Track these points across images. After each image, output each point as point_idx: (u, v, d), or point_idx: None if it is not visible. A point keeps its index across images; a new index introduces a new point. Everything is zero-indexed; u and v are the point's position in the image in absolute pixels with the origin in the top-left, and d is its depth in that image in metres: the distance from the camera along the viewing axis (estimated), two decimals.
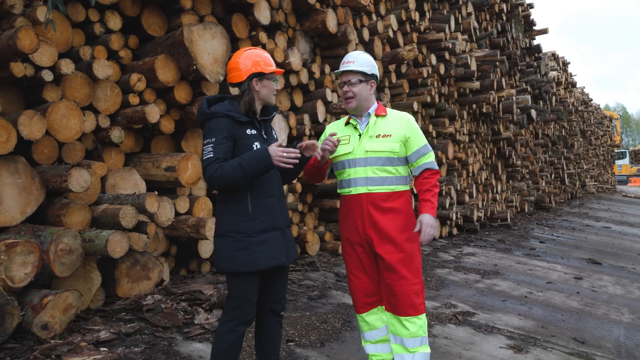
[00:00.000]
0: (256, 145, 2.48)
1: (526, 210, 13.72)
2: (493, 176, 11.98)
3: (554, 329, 4.31)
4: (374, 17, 7.67)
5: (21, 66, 3.59)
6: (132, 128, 4.52)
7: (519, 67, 13.87)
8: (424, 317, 2.65)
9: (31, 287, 3.30)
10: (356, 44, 7.10)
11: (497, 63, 10.96)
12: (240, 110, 2.49)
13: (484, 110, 10.58)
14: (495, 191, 11.94)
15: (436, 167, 2.76)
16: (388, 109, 2.83)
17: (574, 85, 20.99)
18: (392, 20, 7.75)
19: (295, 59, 5.93)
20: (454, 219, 8.90)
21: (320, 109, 6.35)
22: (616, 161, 36.70)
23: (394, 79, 8.03)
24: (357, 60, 2.73)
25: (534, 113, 13.43)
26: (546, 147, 17.00)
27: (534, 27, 15.35)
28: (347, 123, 2.83)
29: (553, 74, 17.60)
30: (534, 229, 11.06)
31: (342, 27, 6.60)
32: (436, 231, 2.76)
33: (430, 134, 8.83)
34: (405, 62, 7.96)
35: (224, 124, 2.42)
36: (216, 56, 4.65)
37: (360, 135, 2.74)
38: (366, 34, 7.31)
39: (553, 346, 3.87)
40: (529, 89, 14.15)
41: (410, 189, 2.90)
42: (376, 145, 2.68)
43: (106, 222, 3.65)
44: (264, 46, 5.54)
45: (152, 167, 4.42)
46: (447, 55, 9.19)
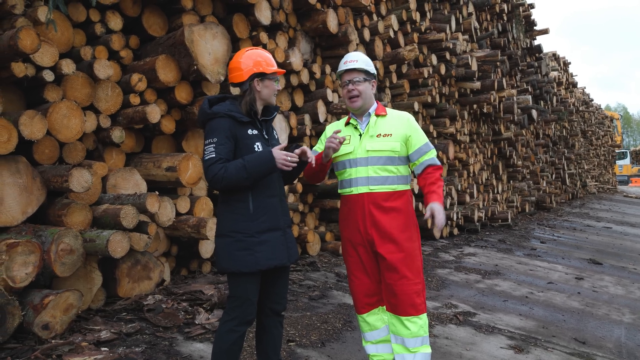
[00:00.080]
0: (257, 146, 2.47)
1: (527, 211, 13.71)
2: (494, 176, 11.97)
3: (554, 329, 4.31)
4: (374, 17, 7.67)
5: (22, 66, 3.59)
6: (133, 128, 4.52)
7: (519, 67, 13.86)
8: (424, 316, 2.64)
9: (32, 287, 3.30)
10: (357, 44, 7.10)
11: (498, 63, 10.95)
12: (241, 111, 2.49)
13: (484, 111, 10.57)
14: (496, 191, 11.93)
15: (438, 162, 2.74)
16: (388, 108, 2.83)
17: (574, 85, 20.97)
18: (393, 20, 7.76)
19: (296, 59, 5.93)
20: (454, 219, 8.90)
21: (321, 109, 6.35)
22: (617, 161, 36.67)
23: (394, 79, 8.04)
24: (360, 59, 2.75)
25: (534, 113, 13.43)
26: (547, 148, 16.99)
27: (534, 27, 15.34)
28: (347, 123, 2.83)
29: (554, 74, 17.58)
30: (534, 229, 11.04)
31: (342, 27, 6.60)
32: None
33: (431, 134, 8.83)
34: (406, 62, 7.96)
35: (225, 124, 2.42)
36: (217, 56, 4.65)
37: (361, 135, 2.74)
38: (367, 34, 7.32)
39: (554, 346, 3.87)
40: (529, 89, 14.14)
41: (411, 188, 2.89)
42: (377, 144, 2.68)
43: (107, 222, 3.65)
44: (264, 46, 5.54)
45: (153, 167, 4.42)
46: (447, 56, 9.19)
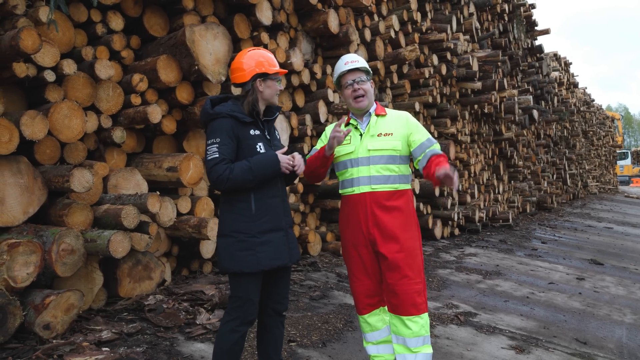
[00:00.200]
0: (259, 146, 2.47)
1: (528, 211, 13.69)
2: (495, 177, 11.95)
3: (555, 329, 4.30)
4: (375, 17, 7.68)
5: (23, 66, 3.60)
6: (134, 128, 4.52)
7: (520, 68, 13.85)
8: (426, 316, 2.64)
9: (33, 287, 3.31)
10: (358, 45, 7.11)
11: (499, 63, 10.95)
12: (243, 111, 2.49)
13: (485, 111, 10.57)
14: (497, 192, 11.92)
15: (442, 153, 2.69)
16: (387, 109, 2.85)
17: (575, 85, 20.94)
18: (394, 20, 7.76)
19: (297, 60, 5.93)
20: (455, 219, 8.89)
21: (322, 109, 6.35)
22: (618, 162, 36.61)
23: (395, 80, 8.04)
24: (359, 59, 2.78)
25: (535, 113, 13.42)
26: (548, 148, 16.97)
27: (535, 28, 15.33)
28: (347, 123, 2.83)
29: (555, 74, 17.55)
30: (535, 229, 11.03)
31: (343, 27, 6.61)
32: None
33: (432, 134, 8.82)
34: (407, 62, 7.96)
35: (227, 124, 2.41)
36: (218, 57, 4.65)
37: (362, 135, 2.74)
38: (368, 34, 7.32)
39: (555, 347, 3.86)
40: (530, 89, 14.12)
41: (412, 188, 2.89)
42: (378, 143, 2.69)
43: (108, 222, 3.65)
44: (265, 47, 5.54)
45: (154, 167, 4.43)
46: (448, 56, 9.19)
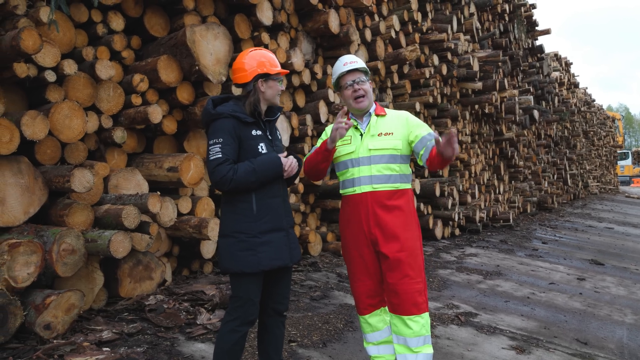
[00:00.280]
0: (261, 147, 2.47)
1: (528, 211, 13.68)
2: (495, 177, 11.95)
3: (556, 329, 4.30)
4: (376, 17, 7.68)
5: (24, 67, 3.60)
6: (134, 128, 4.53)
7: (521, 68, 13.85)
8: (426, 315, 2.64)
9: (34, 287, 3.31)
10: (358, 45, 7.11)
11: (500, 63, 10.94)
12: (245, 111, 2.49)
13: (486, 111, 10.56)
14: (497, 192, 11.92)
15: None
16: (386, 109, 2.86)
17: (576, 85, 20.92)
18: (395, 20, 7.76)
19: (298, 60, 5.93)
20: (456, 219, 8.88)
21: (323, 109, 6.35)
22: (619, 162, 36.59)
23: (396, 80, 8.03)
24: (358, 59, 2.80)
25: (536, 114, 13.41)
26: (549, 148, 16.97)
27: (536, 28, 15.32)
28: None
29: (555, 74, 17.54)
30: (536, 229, 11.03)
31: (344, 27, 6.61)
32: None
33: None
34: (408, 62, 7.96)
35: (229, 124, 2.41)
36: (218, 57, 4.65)
37: (362, 135, 2.75)
38: (368, 34, 7.31)
39: (555, 347, 3.86)
40: (531, 89, 14.11)
41: (412, 188, 2.89)
42: (379, 143, 2.69)
43: (109, 222, 3.66)
44: (266, 47, 5.54)
45: (154, 167, 4.43)
46: (449, 56, 9.18)
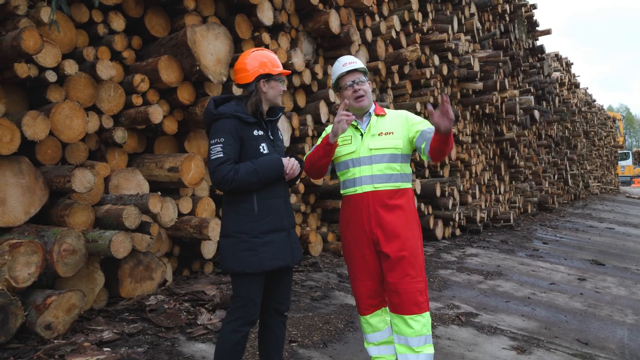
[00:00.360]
0: (263, 147, 2.48)
1: (529, 211, 13.68)
2: (496, 177, 11.95)
3: (557, 330, 4.29)
4: (376, 17, 7.68)
5: (25, 67, 3.60)
6: (135, 129, 4.53)
7: (522, 68, 13.85)
8: (427, 315, 2.64)
9: (35, 287, 3.31)
10: (359, 45, 7.11)
11: (500, 64, 10.94)
12: (247, 111, 2.49)
13: (487, 111, 10.56)
14: (498, 192, 11.91)
15: None
16: (385, 109, 2.87)
17: (577, 86, 20.91)
18: (395, 21, 7.76)
19: (298, 60, 5.93)
20: (456, 219, 8.88)
21: (323, 109, 6.35)
22: (619, 162, 36.56)
23: (396, 80, 8.04)
24: (357, 60, 2.81)
25: (537, 114, 13.40)
26: (549, 148, 16.96)
27: (537, 28, 15.32)
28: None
29: (556, 74, 17.54)
30: (537, 229, 11.02)
31: (345, 27, 6.61)
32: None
33: None
34: (408, 62, 7.96)
35: (231, 124, 2.41)
36: (219, 57, 4.65)
37: (362, 135, 2.75)
38: (369, 34, 7.32)
39: (556, 347, 3.86)
40: (532, 89, 14.11)
41: (413, 188, 2.89)
42: (380, 142, 2.69)
43: (109, 222, 3.66)
44: (267, 47, 5.55)
45: (155, 167, 4.43)
46: (450, 56, 9.18)
